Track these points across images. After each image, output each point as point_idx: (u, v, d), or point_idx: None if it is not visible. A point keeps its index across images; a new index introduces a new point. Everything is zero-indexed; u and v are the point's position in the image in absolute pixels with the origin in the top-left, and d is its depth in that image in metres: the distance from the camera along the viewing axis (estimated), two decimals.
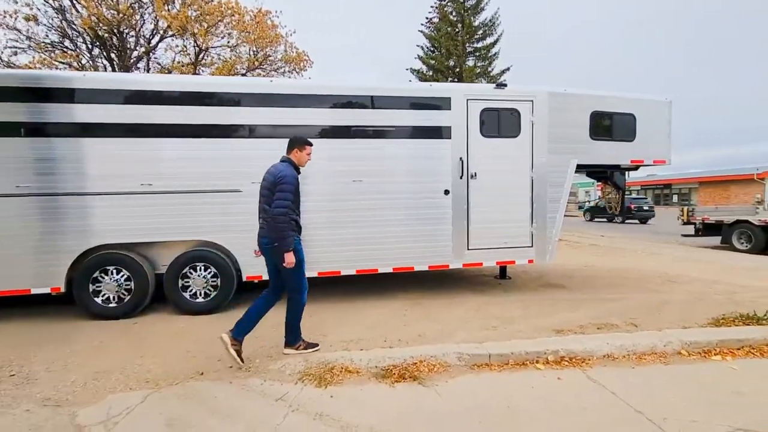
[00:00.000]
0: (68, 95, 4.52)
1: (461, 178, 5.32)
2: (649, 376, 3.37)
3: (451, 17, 25.62)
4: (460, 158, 5.30)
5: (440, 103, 5.22)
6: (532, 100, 5.47)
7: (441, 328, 4.35)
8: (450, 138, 5.25)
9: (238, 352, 3.40)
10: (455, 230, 5.34)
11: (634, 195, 33.59)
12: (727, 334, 3.94)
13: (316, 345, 3.76)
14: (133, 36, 14.80)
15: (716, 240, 12.49)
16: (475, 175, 5.37)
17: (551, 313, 4.90)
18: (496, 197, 5.45)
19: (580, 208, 32.73)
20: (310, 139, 3.70)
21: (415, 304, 5.25)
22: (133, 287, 4.72)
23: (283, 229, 3.29)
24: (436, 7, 26.37)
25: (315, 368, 3.34)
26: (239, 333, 3.48)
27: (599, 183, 7.64)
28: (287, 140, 4.84)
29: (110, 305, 4.71)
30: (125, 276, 4.71)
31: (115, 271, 4.70)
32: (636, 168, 6.77)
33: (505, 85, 5.43)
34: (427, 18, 26.92)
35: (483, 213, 5.41)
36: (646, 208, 23.02)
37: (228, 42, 16.10)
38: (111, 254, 4.68)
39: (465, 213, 5.37)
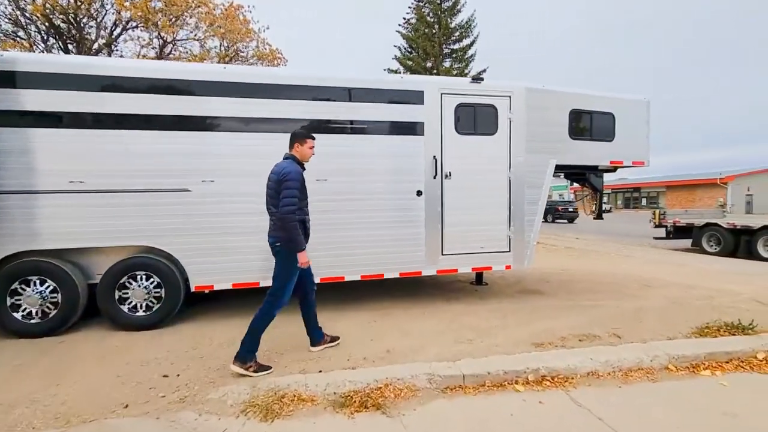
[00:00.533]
0: None
1: (435, 177, 4.94)
2: (637, 396, 3.05)
3: (429, 18, 25.49)
4: (434, 157, 4.93)
5: (412, 97, 4.83)
6: (509, 96, 5.16)
7: (411, 342, 3.94)
8: (423, 135, 4.87)
9: (259, 368, 3.26)
10: (428, 234, 4.96)
11: (560, 198, 35.46)
12: (714, 346, 3.69)
13: (269, 368, 3.31)
14: (93, 26, 13.90)
15: (687, 242, 12.66)
16: (450, 174, 5.00)
17: (530, 323, 4.58)
18: (471, 199, 5.10)
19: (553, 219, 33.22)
20: (312, 133, 3.56)
21: (385, 315, 4.82)
22: (60, 300, 4.10)
23: (293, 228, 3.17)
24: (414, 8, 26.19)
25: (263, 397, 2.87)
26: (248, 351, 3.28)
27: (573, 186, 7.43)
28: (242, 134, 4.42)
29: (32, 321, 4.08)
30: (50, 287, 4.09)
31: (38, 281, 4.07)
32: (614, 169, 6.57)
33: (482, 79, 5.09)
34: (404, 18, 26.69)
35: (458, 216, 5.05)
36: (571, 209, 27.00)
37: (195, 35, 15.36)
38: (33, 262, 4.05)
39: (439, 216, 4.99)
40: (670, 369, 3.45)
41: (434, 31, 25.25)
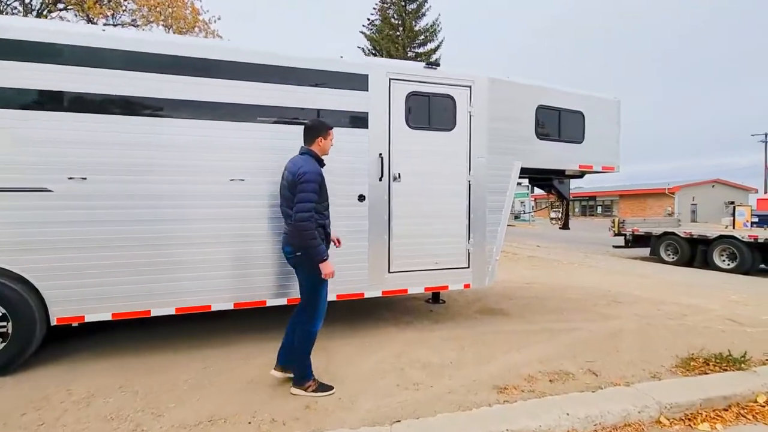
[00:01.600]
0: None
1: (381, 179, 4.09)
2: None
3: (393, 20, 24.99)
4: (380, 154, 4.08)
5: (354, 82, 3.97)
6: (470, 86, 4.41)
7: (342, 391, 3.04)
8: (367, 128, 4.01)
9: (319, 387, 3.01)
10: (373, 248, 4.09)
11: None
12: (709, 389, 3.03)
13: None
14: (16, 8, 12.28)
15: (645, 251, 12.59)
16: (399, 176, 4.17)
17: (491, 356, 3.81)
18: (425, 205, 4.29)
19: (516, 218, 33.43)
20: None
21: (317, 349, 3.85)
22: None
23: (310, 236, 2.81)
24: (378, 9, 25.61)
25: None
26: (302, 376, 3.01)
27: (534, 193, 6.83)
28: (120, 117, 3.37)
29: None
30: None
31: None
32: (582, 175, 6.01)
33: (438, 65, 4.31)
34: (368, 19, 26.09)
35: (409, 225, 4.22)
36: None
37: (134, 21, 13.88)
38: None
39: (386, 225, 4.14)
40: (662, 423, 2.75)
41: (398, 33, 24.73)
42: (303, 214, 2.76)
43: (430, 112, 4.26)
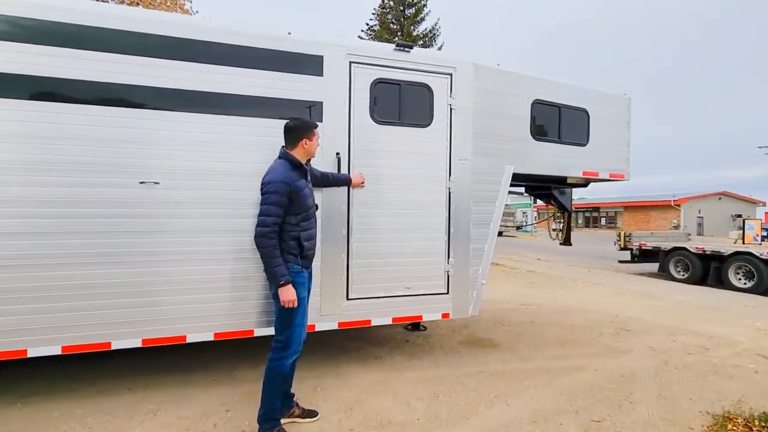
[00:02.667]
0: None
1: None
2: None
3: (392, 25, 24.49)
4: (337, 154, 3.31)
5: (305, 65, 3.22)
6: (450, 74, 3.66)
7: None
8: (320, 121, 3.25)
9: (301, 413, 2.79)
10: (326, 269, 3.30)
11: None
12: None
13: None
14: None
15: (652, 266, 11.75)
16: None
17: (471, 408, 3.00)
18: (393, 217, 3.51)
19: (518, 229, 32.48)
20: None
21: (247, 396, 3.07)
22: None
23: (266, 254, 2.46)
24: (377, 14, 25.14)
25: None
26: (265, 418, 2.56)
27: (537, 203, 6.03)
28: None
29: None
30: None
31: None
32: (586, 183, 5.22)
33: (411, 47, 3.55)
34: (367, 24, 25.62)
35: (372, 242, 3.44)
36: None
37: None
38: None
39: (344, 241, 3.36)
40: None
41: (397, 38, 24.18)
42: (259, 229, 2.46)
43: (401, 103, 3.49)
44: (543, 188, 5.22)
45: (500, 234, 22.25)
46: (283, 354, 2.56)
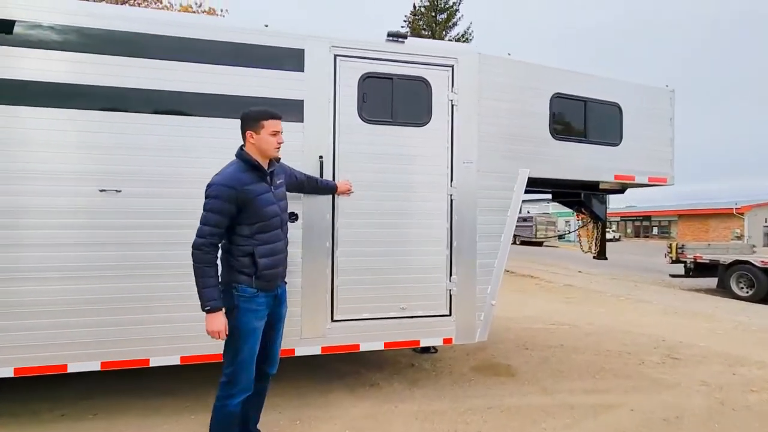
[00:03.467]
0: None
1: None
2: None
3: (423, 31, 24.19)
4: (320, 157, 2.97)
5: (283, 59, 2.92)
6: (452, 66, 3.23)
7: None
8: (301, 121, 2.93)
9: None
10: (308, 286, 2.95)
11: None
12: None
13: None
14: None
15: (710, 281, 10.49)
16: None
17: None
18: (386, 228, 3.11)
19: (560, 238, 30.75)
20: None
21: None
22: None
23: (196, 272, 2.08)
24: (409, 21, 24.98)
25: None
26: None
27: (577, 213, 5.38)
28: None
29: None
30: None
31: None
32: (622, 189, 4.59)
33: (405, 36, 3.16)
34: None
35: (362, 256, 3.05)
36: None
37: None
38: None
39: (328, 255, 3.00)
40: None
41: None
42: (196, 240, 2.09)
43: (393, 100, 3.11)
44: (570, 194, 4.63)
45: (540, 244, 21.13)
46: (231, 391, 2.18)
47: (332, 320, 3.00)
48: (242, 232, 2.16)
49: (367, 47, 3.09)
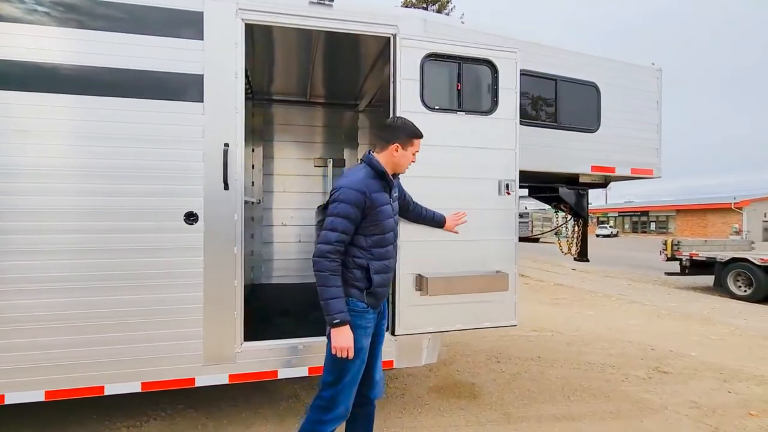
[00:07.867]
0: None
1: (227, 188, 2.44)
2: None
3: None
4: (225, 145, 2.45)
5: (177, 24, 2.39)
6: (393, 34, 2.70)
7: None
8: (200, 101, 2.41)
9: None
10: (212, 300, 2.43)
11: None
12: None
13: None
14: None
15: (707, 279, 10.01)
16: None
17: None
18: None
19: (556, 234, 30.30)
20: None
21: None
22: None
23: (321, 281, 1.89)
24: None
25: None
26: None
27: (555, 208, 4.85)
28: None
29: None
30: None
31: None
32: (606, 182, 4.08)
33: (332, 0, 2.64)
34: None
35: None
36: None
37: None
38: None
39: (235, 262, 2.48)
40: None
41: None
42: (320, 246, 1.91)
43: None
44: (547, 188, 4.11)
45: (537, 240, 20.53)
46: (325, 417, 1.95)
47: (243, 341, 2.48)
48: (359, 243, 1.98)
49: (286, 11, 2.55)
